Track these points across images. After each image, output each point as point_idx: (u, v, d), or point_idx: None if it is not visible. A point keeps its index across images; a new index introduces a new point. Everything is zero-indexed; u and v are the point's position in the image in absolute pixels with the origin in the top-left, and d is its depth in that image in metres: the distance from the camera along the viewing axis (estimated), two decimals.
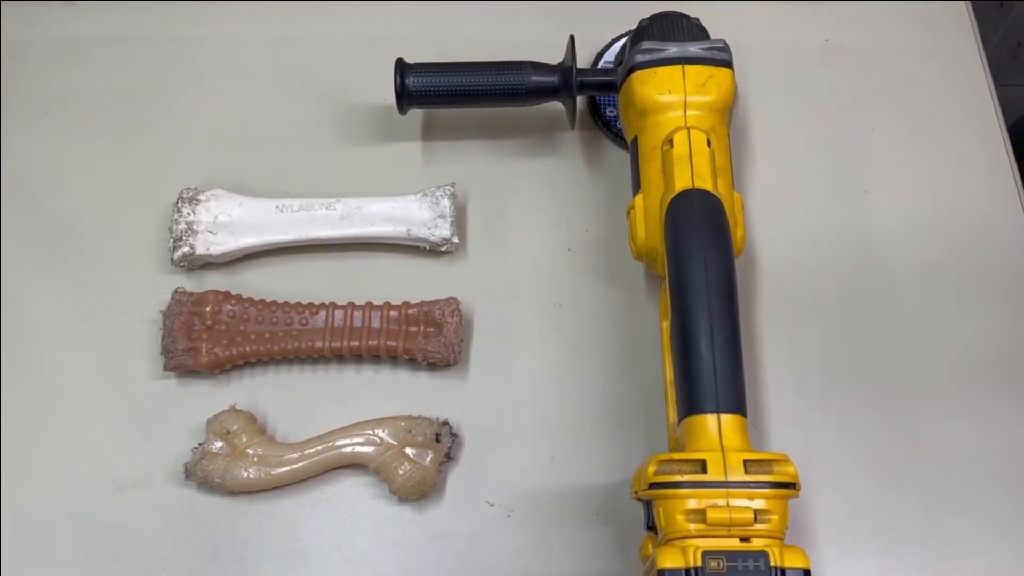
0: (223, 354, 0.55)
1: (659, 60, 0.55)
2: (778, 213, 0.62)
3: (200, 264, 0.60)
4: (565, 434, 0.56)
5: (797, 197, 0.63)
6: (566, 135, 0.65)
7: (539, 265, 0.61)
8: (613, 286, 0.60)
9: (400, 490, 0.52)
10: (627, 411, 0.56)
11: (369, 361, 0.58)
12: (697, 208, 0.50)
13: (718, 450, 0.44)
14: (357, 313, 0.57)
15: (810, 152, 0.65)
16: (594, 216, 0.62)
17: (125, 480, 0.55)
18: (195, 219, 0.59)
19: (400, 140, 0.65)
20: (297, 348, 0.56)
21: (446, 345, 0.55)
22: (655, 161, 0.54)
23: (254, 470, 0.53)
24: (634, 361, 0.58)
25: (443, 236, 0.59)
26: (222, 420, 0.53)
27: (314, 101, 0.67)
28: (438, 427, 0.54)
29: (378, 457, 0.53)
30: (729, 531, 0.42)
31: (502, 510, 0.54)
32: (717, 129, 0.54)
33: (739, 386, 0.46)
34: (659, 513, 0.44)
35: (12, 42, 0.69)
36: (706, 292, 0.47)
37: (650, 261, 0.54)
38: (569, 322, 0.59)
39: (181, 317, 0.56)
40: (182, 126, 0.66)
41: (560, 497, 0.54)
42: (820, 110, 0.66)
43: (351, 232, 0.59)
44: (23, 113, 0.67)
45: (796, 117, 0.66)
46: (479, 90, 0.59)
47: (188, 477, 0.53)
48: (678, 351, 0.47)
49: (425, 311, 0.56)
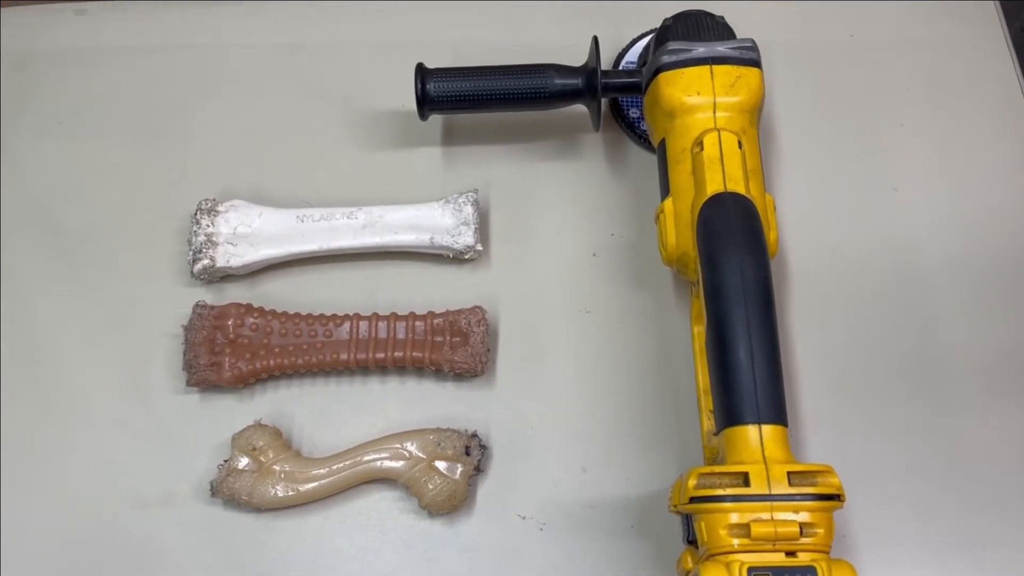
0: (246, 368, 0.54)
1: (686, 60, 0.54)
2: (807, 214, 0.61)
3: (220, 276, 0.59)
4: (596, 444, 0.55)
5: (826, 196, 0.62)
6: (589, 137, 0.64)
7: (565, 271, 0.60)
8: (641, 291, 0.59)
9: (430, 504, 0.51)
10: (659, 420, 0.55)
11: (394, 372, 0.57)
12: (730, 212, 0.49)
13: (760, 462, 0.43)
14: (382, 324, 0.56)
15: (838, 150, 0.63)
16: (620, 219, 0.61)
17: (150, 497, 0.54)
18: (214, 230, 0.58)
19: (420, 146, 0.64)
20: (322, 361, 0.55)
21: (473, 355, 0.54)
22: (684, 164, 0.53)
23: (281, 487, 0.52)
24: (665, 368, 0.57)
25: (467, 244, 0.58)
26: (248, 436, 0.52)
27: (331, 108, 0.66)
28: (467, 440, 0.53)
29: (407, 471, 0.52)
30: (774, 546, 0.41)
31: (534, 523, 0.53)
32: (747, 130, 0.53)
33: (779, 395, 0.45)
34: (700, 527, 0.43)
35: (22, 51, 0.68)
36: (743, 299, 0.46)
37: (681, 267, 0.53)
38: (597, 329, 0.58)
39: (203, 331, 0.55)
40: (197, 135, 0.65)
41: (593, 509, 0.53)
42: (847, 107, 0.65)
43: (373, 241, 0.58)
44: (36, 124, 0.66)
45: (823, 115, 0.64)
46: (501, 94, 0.57)
47: (214, 494, 0.52)
48: (715, 360, 0.46)
49: (451, 321, 0.55)
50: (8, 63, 0.67)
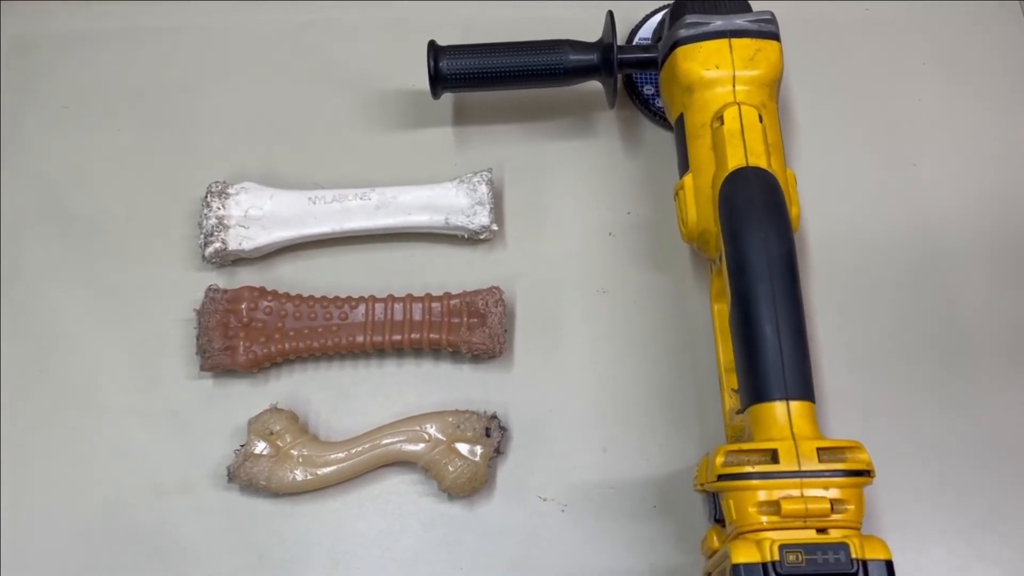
0: (261, 352, 0.54)
1: (704, 34, 0.53)
2: (825, 190, 0.60)
3: (232, 260, 0.58)
4: (616, 424, 0.54)
5: (844, 173, 0.61)
6: (602, 115, 0.63)
7: (581, 250, 0.59)
8: (659, 270, 0.58)
9: (451, 487, 0.51)
10: (679, 398, 0.55)
11: (410, 354, 0.56)
12: (753, 187, 0.48)
13: (789, 438, 0.42)
14: (398, 306, 0.55)
15: (855, 126, 0.62)
16: (635, 198, 0.60)
17: (166, 484, 0.53)
18: (225, 213, 0.57)
19: (431, 125, 0.63)
20: (338, 344, 0.54)
21: (491, 336, 0.54)
22: (704, 139, 0.52)
23: (300, 471, 0.51)
24: (684, 346, 0.56)
25: (482, 224, 0.57)
26: (264, 420, 0.52)
27: (339, 87, 0.65)
28: (487, 421, 0.52)
29: (427, 454, 0.51)
30: (805, 522, 0.41)
31: (555, 505, 0.52)
32: (767, 104, 0.52)
33: (807, 371, 0.44)
34: (729, 505, 0.43)
35: (24, 36, 0.67)
36: (768, 274, 0.45)
37: (702, 243, 0.52)
38: (615, 308, 0.57)
39: (216, 315, 0.54)
40: (205, 117, 0.64)
41: (614, 490, 0.53)
42: (863, 82, 0.64)
43: (387, 222, 0.57)
44: (41, 109, 0.65)
45: (839, 90, 0.63)
46: (515, 71, 0.56)
47: (231, 480, 0.51)
48: (740, 337, 0.45)
49: (468, 302, 0.55)
50: (9, 49, 0.66)
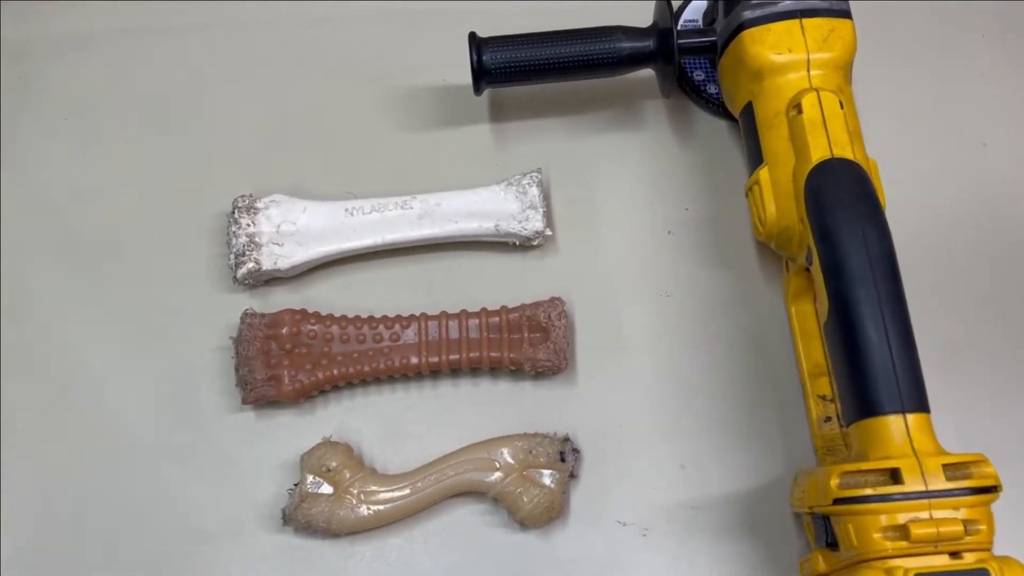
0: (308, 380, 0.49)
1: (773, 15, 0.49)
2: (891, 174, 0.56)
3: (264, 280, 0.54)
4: (692, 439, 0.51)
5: (909, 156, 0.57)
6: (649, 104, 0.59)
7: (639, 252, 0.55)
8: (724, 269, 0.55)
9: (527, 518, 0.47)
10: (758, 408, 0.51)
11: (466, 374, 0.52)
12: (843, 180, 0.45)
13: (911, 455, 0.39)
14: (452, 323, 0.51)
15: (917, 105, 0.59)
16: (692, 192, 0.57)
17: (212, 530, 0.49)
18: (256, 230, 0.53)
19: (466, 123, 0.59)
20: (391, 367, 0.50)
21: (556, 351, 0.50)
22: (779, 129, 0.48)
23: (362, 509, 0.47)
24: (758, 350, 0.52)
25: (535, 229, 0.53)
26: (319, 456, 0.48)
27: (364, 86, 0.60)
28: (561, 444, 0.48)
29: (499, 484, 0.47)
30: (936, 547, 0.38)
31: (635, 529, 0.49)
32: (844, 88, 0.49)
33: (920, 379, 0.41)
34: (847, 531, 0.39)
35: (20, 40, 0.61)
36: (871, 275, 0.42)
37: (782, 242, 0.48)
38: (681, 313, 0.54)
39: (256, 343, 0.50)
40: (221, 124, 0.59)
41: (697, 510, 0.49)
42: (921, 58, 0.60)
43: (432, 232, 0.53)
44: (39, 122, 0.59)
45: (897, 68, 0.60)
46: (565, 62, 0.52)
47: (287, 523, 0.47)
48: (843, 345, 0.42)
49: (528, 315, 0.51)
50: (6, 54, 0.60)
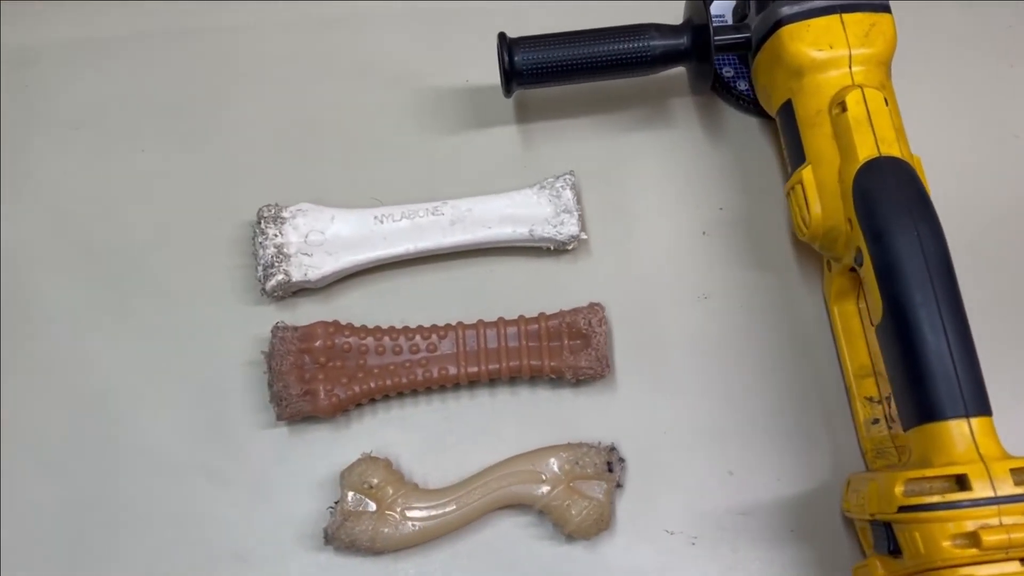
0: (345, 395, 0.48)
1: (812, 10, 0.48)
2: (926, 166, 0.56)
3: (292, 291, 0.52)
4: (738, 444, 0.50)
5: (941, 150, 0.56)
6: (677, 102, 0.58)
7: (674, 254, 0.54)
8: (761, 269, 0.54)
9: (576, 531, 0.46)
10: (801, 410, 0.50)
11: (503, 383, 0.51)
12: (893, 180, 0.44)
13: (977, 461, 0.38)
14: (490, 332, 0.50)
15: (946, 98, 0.58)
16: (726, 192, 0.56)
17: (249, 550, 0.48)
18: (284, 240, 0.51)
19: (491, 125, 0.57)
20: (429, 379, 0.48)
21: (598, 358, 0.49)
22: (822, 127, 0.47)
23: (407, 526, 0.46)
24: (800, 352, 0.51)
25: (571, 233, 0.52)
26: (360, 472, 0.46)
27: (382, 89, 0.58)
28: (607, 454, 0.47)
29: (545, 496, 0.46)
30: (1007, 554, 0.37)
31: (684, 538, 0.48)
32: (886, 84, 0.48)
33: (982, 381, 0.40)
34: (914, 539, 0.38)
35: (25, 45, 0.59)
36: (928, 276, 0.41)
37: (827, 242, 0.47)
38: (719, 315, 0.53)
39: (289, 357, 0.48)
40: (238, 130, 0.57)
41: (746, 516, 0.48)
42: (949, 51, 0.59)
43: (465, 239, 0.52)
44: (48, 131, 0.57)
45: (925, 60, 0.59)
46: (598, 62, 0.51)
47: (329, 542, 0.46)
48: (900, 349, 0.41)
49: (568, 322, 0.49)
50: (9, 60, 0.58)
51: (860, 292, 0.50)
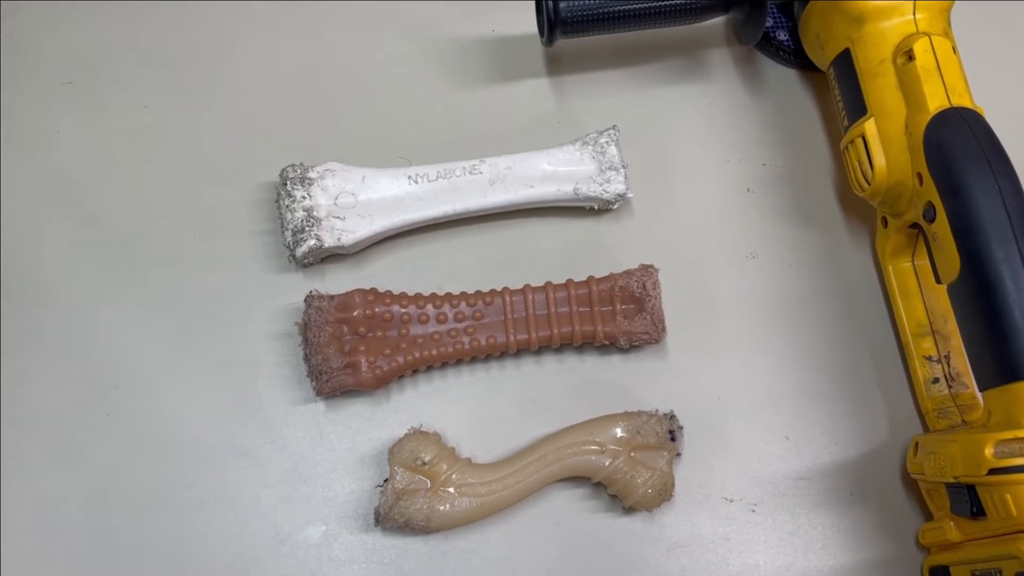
0: (388, 366, 0.45)
1: None
2: None
3: (322, 258, 0.49)
4: (794, 408, 0.48)
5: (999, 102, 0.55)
6: (713, 54, 0.56)
7: (719, 212, 0.52)
8: (809, 227, 0.52)
9: (639, 502, 0.44)
10: (856, 370, 0.49)
11: (550, 350, 0.48)
12: (967, 132, 0.42)
13: None
14: (538, 297, 0.47)
15: (1001, 49, 0.56)
16: (768, 147, 0.54)
17: (291, 532, 0.45)
18: (313, 203, 0.47)
19: (521, 78, 0.54)
20: (477, 347, 0.46)
21: (653, 323, 0.46)
22: (886, 78, 0.45)
23: (463, 502, 0.43)
24: (851, 310, 0.50)
25: (617, 192, 0.49)
26: (412, 449, 0.44)
27: (404, 40, 0.55)
28: (668, 423, 0.45)
29: (607, 468, 0.44)
30: None
31: (744, 505, 0.47)
32: (949, 33, 0.46)
33: None
34: (1005, 501, 0.37)
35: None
36: (1011, 232, 0.39)
37: (891, 198, 0.46)
38: (768, 275, 0.51)
39: (327, 328, 0.45)
40: (249, 83, 0.53)
41: (805, 481, 0.47)
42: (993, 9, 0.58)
43: (506, 199, 0.49)
44: (36, 88, 0.52)
45: (980, 7, 0.57)
46: (647, 10, 0.48)
47: (380, 523, 0.43)
48: (980, 306, 0.40)
49: (621, 285, 0.47)
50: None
51: (915, 249, 0.49)
